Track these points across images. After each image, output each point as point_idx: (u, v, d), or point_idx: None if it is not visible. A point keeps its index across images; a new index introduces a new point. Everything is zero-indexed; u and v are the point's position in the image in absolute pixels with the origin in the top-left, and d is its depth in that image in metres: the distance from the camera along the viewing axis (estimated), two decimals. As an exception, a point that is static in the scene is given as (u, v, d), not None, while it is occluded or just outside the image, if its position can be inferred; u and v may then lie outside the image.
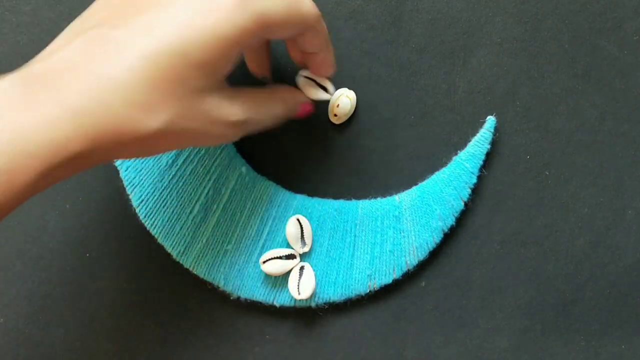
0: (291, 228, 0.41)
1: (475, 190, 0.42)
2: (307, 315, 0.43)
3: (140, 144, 0.30)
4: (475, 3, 0.42)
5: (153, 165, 0.41)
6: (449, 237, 0.43)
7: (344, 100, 0.41)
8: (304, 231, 0.41)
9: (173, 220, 0.41)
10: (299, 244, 0.41)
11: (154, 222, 0.41)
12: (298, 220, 0.41)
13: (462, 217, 0.43)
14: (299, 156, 0.43)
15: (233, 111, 0.32)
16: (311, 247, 0.41)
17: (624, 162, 0.43)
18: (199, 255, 0.41)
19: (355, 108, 0.42)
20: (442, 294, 0.43)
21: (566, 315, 0.43)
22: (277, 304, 0.42)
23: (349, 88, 0.42)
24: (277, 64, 0.42)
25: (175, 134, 0.30)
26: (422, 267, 0.43)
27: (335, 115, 0.42)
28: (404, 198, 0.42)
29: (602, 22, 0.42)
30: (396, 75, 0.42)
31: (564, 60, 0.43)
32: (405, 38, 0.42)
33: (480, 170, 0.42)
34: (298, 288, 0.41)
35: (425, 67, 0.43)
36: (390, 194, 0.42)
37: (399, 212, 0.42)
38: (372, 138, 0.43)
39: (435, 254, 0.43)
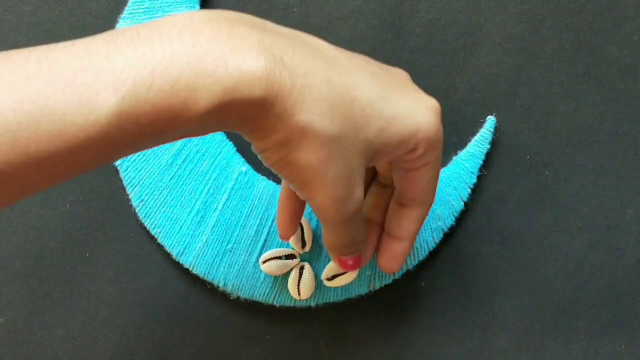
0: None
1: (475, 190, 0.42)
2: (306, 315, 0.43)
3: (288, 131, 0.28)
4: (475, 3, 0.42)
5: (153, 165, 0.41)
6: (449, 237, 0.43)
7: None
8: (304, 231, 0.41)
9: (173, 220, 0.41)
10: (300, 244, 0.41)
11: (153, 222, 0.41)
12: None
13: (462, 217, 0.43)
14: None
15: (359, 196, 0.31)
16: (311, 247, 0.41)
17: (624, 162, 0.43)
18: (198, 255, 0.41)
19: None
20: (442, 294, 0.43)
21: (566, 315, 0.43)
22: (276, 304, 0.42)
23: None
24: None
25: (327, 145, 0.29)
26: (422, 267, 0.43)
27: None
28: None
29: (602, 22, 0.42)
30: (396, 75, 0.42)
31: (564, 60, 0.43)
32: (405, 38, 0.42)
33: (480, 170, 0.42)
34: (298, 289, 0.41)
35: (425, 67, 0.43)
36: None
37: None
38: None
39: (435, 254, 0.43)
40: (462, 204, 0.42)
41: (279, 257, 0.41)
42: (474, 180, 0.42)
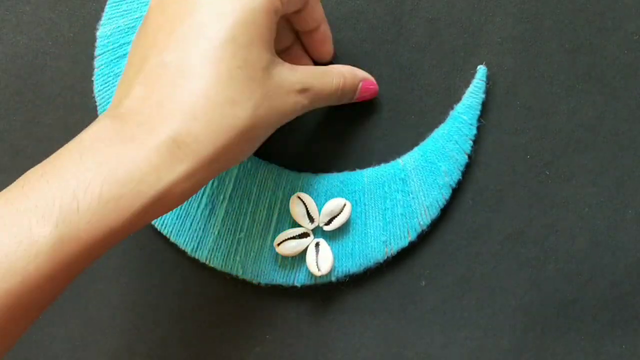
0: (295, 207, 0.41)
1: (477, 142, 0.42)
2: (307, 316, 0.43)
3: (245, 140, 0.31)
4: (475, 3, 0.42)
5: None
6: (449, 236, 0.43)
7: None
8: (308, 207, 0.41)
9: (182, 217, 0.41)
10: (306, 220, 0.41)
11: (163, 221, 0.41)
12: (299, 197, 0.41)
13: (463, 215, 0.43)
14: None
15: (297, 78, 0.34)
16: (319, 221, 0.41)
17: (624, 162, 0.43)
18: (213, 248, 0.41)
19: (355, 108, 0.42)
20: (442, 294, 0.43)
21: (566, 315, 0.43)
22: (297, 284, 0.41)
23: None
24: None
25: (265, 116, 0.32)
26: (422, 266, 0.43)
27: None
28: (408, 160, 0.42)
29: (602, 22, 0.42)
30: (396, 75, 0.42)
31: (564, 60, 0.43)
32: (405, 38, 0.42)
33: (479, 120, 0.42)
34: (317, 264, 0.40)
35: (425, 67, 0.43)
36: (393, 158, 0.42)
37: (405, 175, 0.41)
38: (373, 138, 0.43)
39: (435, 254, 0.43)
40: (466, 157, 0.42)
41: (293, 238, 0.41)
42: (474, 131, 0.42)
